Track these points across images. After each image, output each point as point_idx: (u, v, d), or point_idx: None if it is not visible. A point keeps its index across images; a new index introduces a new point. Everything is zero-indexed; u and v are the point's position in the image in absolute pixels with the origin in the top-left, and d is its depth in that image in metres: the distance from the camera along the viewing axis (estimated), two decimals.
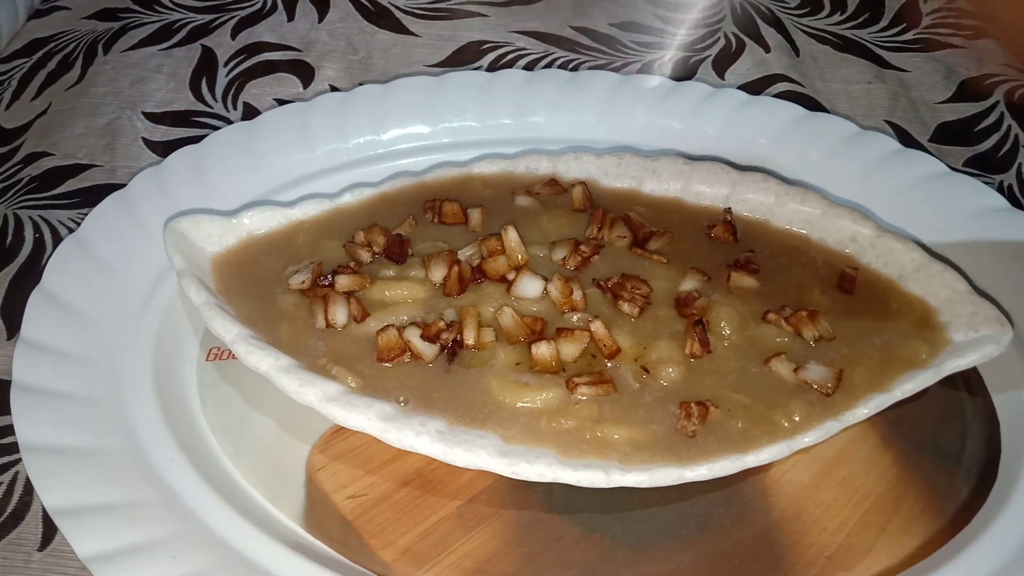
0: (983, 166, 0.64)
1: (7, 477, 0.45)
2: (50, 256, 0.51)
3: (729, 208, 0.51)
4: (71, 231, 0.53)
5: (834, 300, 0.47)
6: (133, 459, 0.43)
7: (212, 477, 0.43)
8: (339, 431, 0.46)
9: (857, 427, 0.47)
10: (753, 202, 0.51)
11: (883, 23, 0.78)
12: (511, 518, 0.43)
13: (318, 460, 0.45)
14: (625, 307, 0.45)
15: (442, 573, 0.41)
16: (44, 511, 0.43)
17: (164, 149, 0.62)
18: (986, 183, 0.61)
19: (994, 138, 0.66)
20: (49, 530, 0.43)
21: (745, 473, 0.44)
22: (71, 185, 0.61)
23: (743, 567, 0.42)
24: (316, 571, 0.40)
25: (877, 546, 0.43)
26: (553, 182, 0.53)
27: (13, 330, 0.51)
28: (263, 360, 0.42)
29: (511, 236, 0.47)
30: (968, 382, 0.49)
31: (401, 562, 0.42)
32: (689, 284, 0.47)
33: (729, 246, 0.50)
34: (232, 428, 0.46)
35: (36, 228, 0.58)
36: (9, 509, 0.44)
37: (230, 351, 0.45)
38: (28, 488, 0.44)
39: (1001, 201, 0.55)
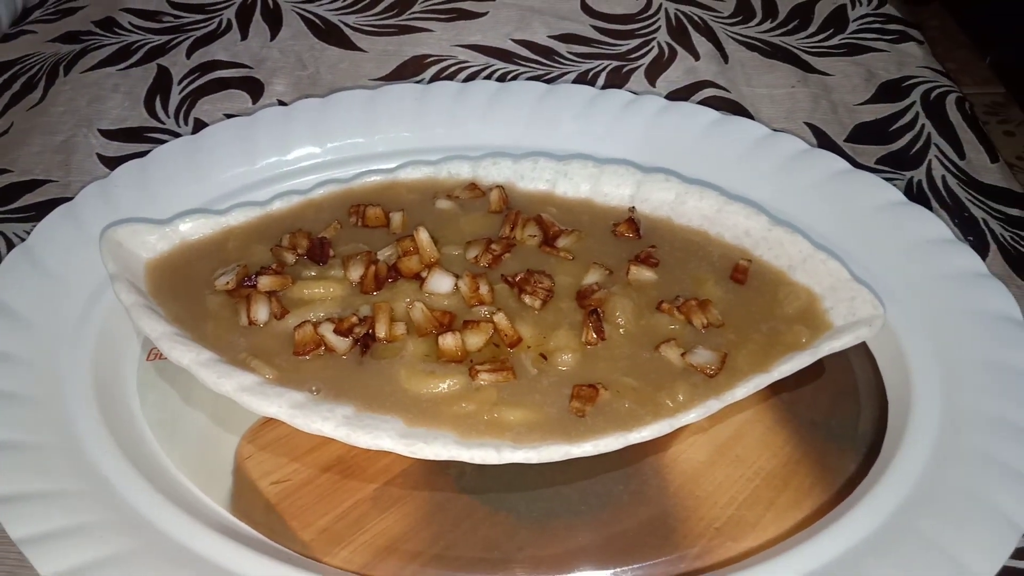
0: (895, 163, 0.67)
1: None
2: None
3: (633, 207, 0.55)
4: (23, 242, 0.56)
5: (727, 290, 0.50)
6: (69, 452, 0.46)
7: (146, 467, 0.46)
8: (267, 423, 0.49)
9: (754, 408, 0.50)
10: (656, 200, 0.54)
11: (811, 29, 0.81)
12: (424, 499, 0.46)
13: (246, 450, 0.48)
14: (528, 300, 0.48)
15: (356, 551, 0.44)
16: None
17: (117, 164, 0.65)
18: (895, 179, 0.64)
19: (907, 137, 0.69)
20: None
21: (644, 453, 0.47)
22: (27, 200, 0.64)
23: (638, 540, 0.45)
24: (239, 551, 0.43)
25: (765, 519, 0.45)
26: (473, 186, 0.56)
27: None
28: (185, 355, 0.45)
29: (422, 236, 0.50)
30: (862, 365, 0.52)
31: (319, 541, 0.45)
32: (591, 278, 0.50)
33: (633, 242, 0.53)
34: (167, 422, 0.49)
35: None
36: None
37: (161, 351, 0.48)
38: None
39: (898, 195, 0.58)
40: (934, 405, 0.48)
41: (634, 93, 0.67)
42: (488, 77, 0.75)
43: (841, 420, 0.50)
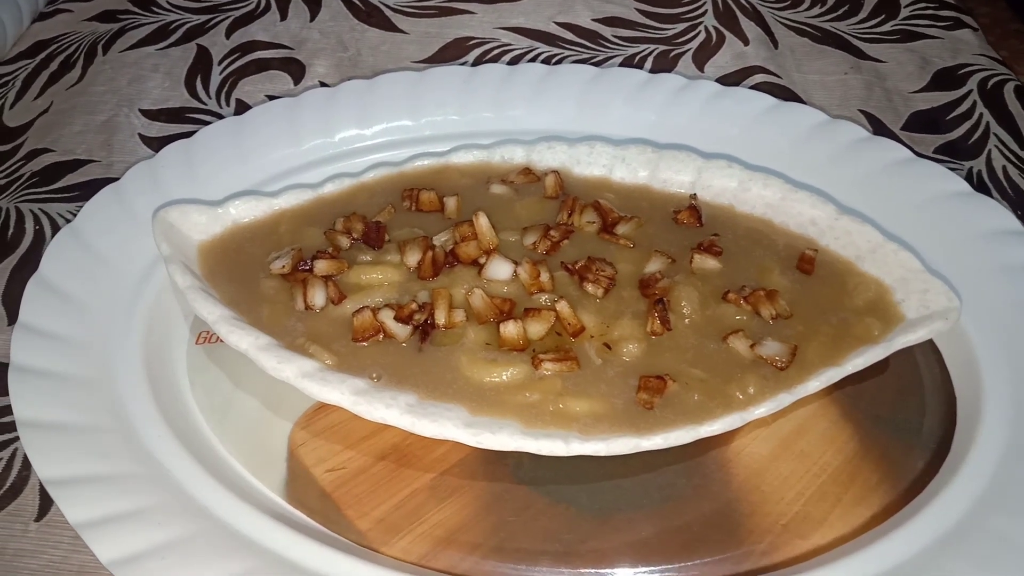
0: (953, 153, 0.65)
1: (6, 453, 0.47)
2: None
3: (694, 194, 0.53)
4: (69, 223, 0.56)
5: (793, 280, 0.49)
6: (123, 435, 0.45)
7: (198, 452, 0.46)
8: (320, 409, 0.48)
9: (817, 402, 0.48)
10: (718, 188, 0.53)
11: (862, 15, 0.80)
12: (482, 489, 0.45)
13: (300, 436, 0.47)
14: (590, 288, 0.47)
15: (414, 541, 0.43)
16: (41, 485, 0.46)
17: (159, 144, 0.64)
18: (954, 169, 0.63)
19: (965, 126, 0.67)
20: (45, 502, 0.45)
21: (706, 446, 0.46)
22: (70, 180, 0.63)
23: (702, 535, 0.44)
24: (295, 539, 0.42)
25: (833, 515, 0.44)
26: (527, 171, 0.55)
27: (14, 316, 0.53)
28: (243, 339, 0.44)
29: (482, 221, 0.49)
30: (927, 359, 0.50)
31: (376, 531, 0.44)
32: (653, 266, 0.49)
33: (694, 230, 0.52)
34: (219, 407, 0.48)
35: (36, 221, 0.60)
36: (8, 483, 0.46)
37: (218, 335, 0.47)
38: (26, 464, 0.47)
39: (963, 185, 0.56)
40: (1006, 401, 0.47)
41: (686, 77, 0.65)
42: (532, 60, 0.73)
43: (907, 415, 0.49)
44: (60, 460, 0.43)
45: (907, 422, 0.48)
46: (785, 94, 0.69)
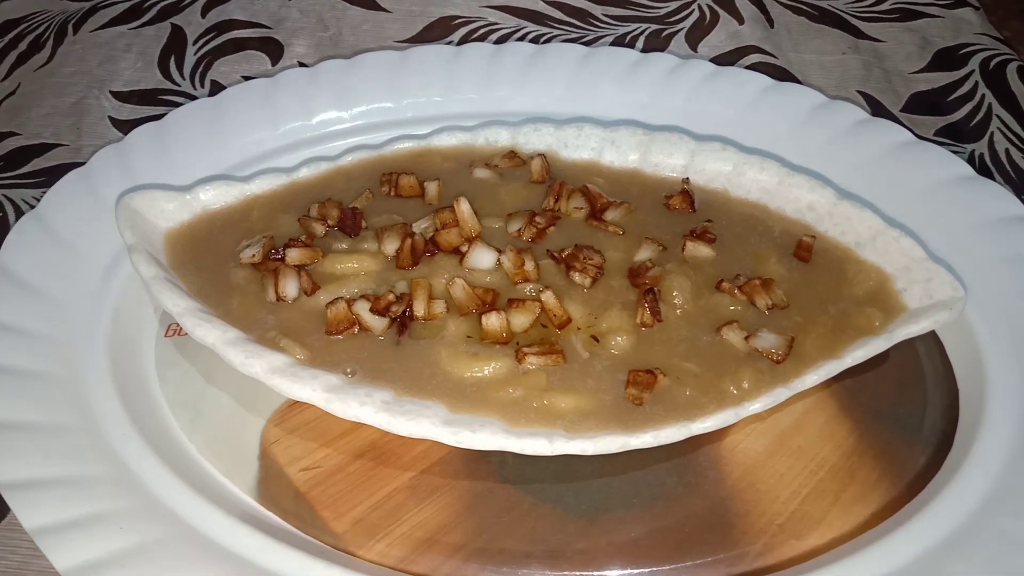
0: (955, 135, 0.63)
1: None
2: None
3: (687, 178, 0.51)
4: (32, 209, 0.53)
5: (790, 268, 0.47)
6: (86, 435, 0.43)
7: (166, 452, 0.43)
8: (294, 405, 0.46)
9: (815, 396, 0.46)
10: (712, 172, 0.51)
11: None
12: (464, 489, 0.43)
13: (273, 433, 0.45)
14: (577, 277, 0.45)
15: (393, 543, 0.41)
16: None
17: (130, 128, 0.61)
18: (956, 152, 0.61)
19: (967, 108, 0.65)
20: (3, 505, 0.43)
21: (699, 443, 0.44)
22: (36, 164, 0.61)
23: (694, 536, 0.42)
24: (267, 543, 0.40)
25: (831, 514, 0.43)
26: (512, 154, 0.53)
27: None
28: (210, 333, 0.42)
29: (463, 207, 0.47)
30: (929, 351, 0.48)
31: (352, 533, 0.42)
32: (644, 254, 0.47)
33: (687, 216, 0.50)
34: (189, 403, 0.46)
35: (0, 207, 0.58)
36: None
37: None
38: None
39: (967, 169, 0.54)
40: (1011, 394, 0.45)
41: (679, 57, 0.63)
42: (520, 40, 0.71)
43: (907, 409, 0.47)
44: (16, 461, 0.41)
45: (908, 416, 0.46)
46: (781, 75, 0.67)
